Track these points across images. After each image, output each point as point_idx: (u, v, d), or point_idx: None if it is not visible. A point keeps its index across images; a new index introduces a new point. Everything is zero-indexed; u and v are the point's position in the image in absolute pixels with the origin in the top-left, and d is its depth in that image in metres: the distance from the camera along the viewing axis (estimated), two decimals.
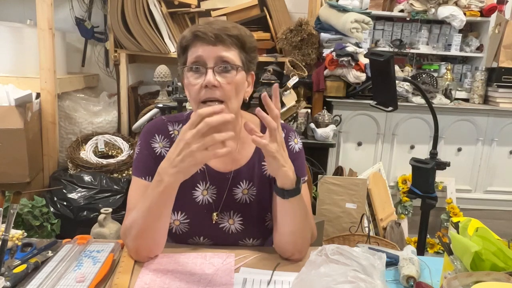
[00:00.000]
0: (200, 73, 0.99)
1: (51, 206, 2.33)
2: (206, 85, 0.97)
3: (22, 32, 2.53)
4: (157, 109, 2.66)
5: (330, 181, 2.43)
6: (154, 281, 0.91)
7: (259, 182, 1.11)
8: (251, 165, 1.11)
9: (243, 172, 1.10)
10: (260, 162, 1.12)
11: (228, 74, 0.99)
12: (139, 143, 1.10)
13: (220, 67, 0.98)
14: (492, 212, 2.97)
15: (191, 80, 1.00)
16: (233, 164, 1.10)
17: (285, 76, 2.61)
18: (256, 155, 1.12)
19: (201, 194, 1.09)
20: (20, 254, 0.99)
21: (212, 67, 0.98)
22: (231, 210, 1.10)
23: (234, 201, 1.10)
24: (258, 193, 1.11)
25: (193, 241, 1.11)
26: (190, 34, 1.00)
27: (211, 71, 0.97)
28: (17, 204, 0.95)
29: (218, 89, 0.98)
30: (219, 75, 0.98)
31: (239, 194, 1.10)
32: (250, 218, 1.10)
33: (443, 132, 2.83)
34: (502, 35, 2.90)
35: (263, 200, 1.11)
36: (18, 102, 2.23)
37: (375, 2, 3.00)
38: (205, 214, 1.10)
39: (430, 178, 1.78)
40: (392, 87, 1.73)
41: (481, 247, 0.76)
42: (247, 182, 1.10)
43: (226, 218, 1.10)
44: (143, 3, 2.68)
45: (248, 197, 1.11)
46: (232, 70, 0.99)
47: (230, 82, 0.99)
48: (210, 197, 1.10)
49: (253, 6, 2.93)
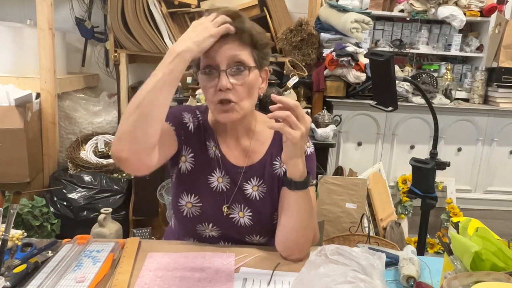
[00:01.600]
0: (213, 76, 1.01)
1: (51, 206, 2.34)
2: (220, 89, 0.99)
3: (22, 32, 2.53)
4: None
5: (330, 181, 2.43)
6: (154, 281, 0.91)
7: (269, 181, 1.13)
8: (263, 163, 1.13)
9: (254, 169, 1.12)
10: (272, 161, 1.14)
11: (241, 76, 1.01)
12: (170, 108, 1.04)
13: (233, 69, 1.00)
14: (492, 212, 2.97)
15: (206, 84, 1.02)
16: (246, 159, 1.13)
17: (285, 76, 2.61)
18: (269, 155, 1.14)
19: (216, 180, 1.11)
20: (20, 254, 0.99)
21: (225, 69, 0.99)
22: (242, 204, 1.12)
23: (244, 196, 1.12)
24: (268, 191, 1.12)
25: (202, 228, 1.10)
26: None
27: (224, 74, 0.99)
28: (17, 204, 0.95)
29: (231, 91, 1.00)
30: (232, 77, 1.00)
31: (249, 190, 1.12)
32: (259, 215, 1.11)
33: (443, 132, 2.83)
34: (502, 35, 2.90)
35: (272, 199, 1.12)
36: (18, 102, 2.23)
37: (375, 2, 3.00)
38: (218, 201, 1.11)
39: (430, 178, 1.78)
40: (392, 87, 1.73)
41: (481, 247, 0.76)
42: (258, 179, 1.12)
43: (237, 210, 1.12)
44: (143, 3, 2.68)
45: (258, 194, 1.12)
46: (245, 70, 1.01)
47: (243, 83, 1.01)
48: (224, 185, 1.11)
49: (253, 6, 2.93)
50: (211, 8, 1.03)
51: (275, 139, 1.15)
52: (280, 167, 1.13)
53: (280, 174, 1.13)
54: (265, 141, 1.14)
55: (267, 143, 1.14)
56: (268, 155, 1.14)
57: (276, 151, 1.14)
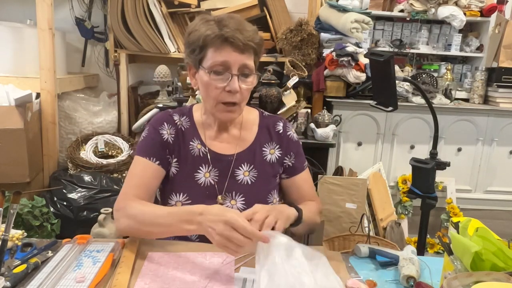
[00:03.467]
0: (223, 76, 1.06)
1: (51, 206, 2.33)
2: (230, 90, 1.06)
3: (22, 32, 2.53)
4: (157, 109, 2.66)
5: (330, 181, 2.43)
6: (154, 281, 0.91)
7: (260, 165, 1.19)
8: (252, 149, 1.20)
9: (244, 155, 1.18)
10: (261, 147, 1.21)
11: (247, 80, 1.09)
12: (148, 129, 1.17)
13: (243, 74, 1.07)
14: (492, 212, 2.96)
15: (214, 82, 1.07)
16: (236, 147, 1.19)
17: (285, 76, 2.61)
18: (257, 141, 1.21)
19: (203, 176, 1.16)
20: (20, 254, 0.99)
21: (237, 74, 1.06)
22: (233, 191, 1.16)
23: (236, 182, 1.16)
24: (259, 175, 1.18)
25: None
26: (217, 35, 1.04)
27: (236, 78, 1.06)
28: (17, 204, 0.95)
29: (238, 94, 1.08)
30: (241, 81, 1.07)
31: (241, 176, 1.17)
32: (252, 198, 1.15)
33: (443, 132, 2.83)
34: (502, 35, 2.90)
35: (265, 182, 1.18)
36: (18, 102, 2.22)
37: (375, 2, 3.00)
38: (207, 195, 1.15)
39: (430, 178, 1.78)
40: (392, 87, 1.72)
41: (481, 247, 0.76)
42: (248, 164, 1.18)
43: (228, 199, 1.16)
44: (143, 3, 2.68)
45: (249, 179, 1.17)
46: (251, 75, 1.09)
47: (249, 86, 1.10)
48: (212, 179, 1.16)
49: (253, 6, 2.93)
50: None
51: (261, 127, 1.23)
52: (270, 153, 1.21)
53: (270, 160, 1.20)
54: (251, 129, 1.22)
55: (255, 130, 1.22)
56: (257, 141, 1.21)
57: (264, 138, 1.22)
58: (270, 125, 1.24)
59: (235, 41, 1.03)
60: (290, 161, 1.23)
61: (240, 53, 1.05)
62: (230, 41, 1.03)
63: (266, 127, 1.23)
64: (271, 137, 1.23)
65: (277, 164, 1.22)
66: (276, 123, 1.24)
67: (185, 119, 1.20)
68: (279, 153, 1.22)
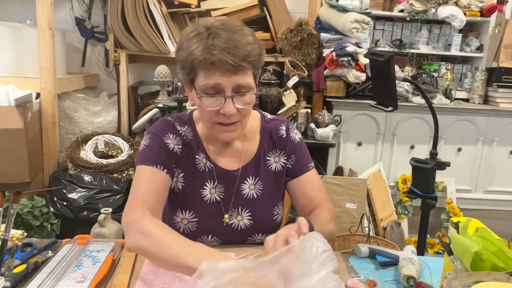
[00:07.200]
0: (217, 99, 0.97)
1: (51, 206, 2.33)
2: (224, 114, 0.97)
3: (22, 32, 2.53)
4: (157, 109, 2.66)
5: (330, 181, 2.43)
6: (154, 281, 0.91)
7: (265, 177, 1.13)
8: (257, 161, 1.14)
9: (249, 168, 1.13)
10: (265, 156, 1.15)
11: (245, 98, 0.98)
12: (149, 137, 1.07)
13: (238, 93, 0.97)
14: (492, 212, 2.96)
15: (207, 104, 0.98)
16: (240, 161, 1.13)
17: (285, 76, 2.61)
18: (261, 151, 1.14)
19: (209, 192, 1.11)
20: (20, 254, 0.99)
21: (231, 96, 0.96)
22: (239, 206, 1.12)
23: (242, 197, 1.12)
24: (265, 187, 1.13)
25: (201, 240, 1.09)
26: (204, 58, 0.93)
27: (230, 101, 0.96)
28: (17, 204, 0.95)
29: (235, 114, 0.98)
30: (236, 100, 0.97)
31: (246, 190, 1.12)
32: (258, 213, 1.12)
33: (443, 132, 2.83)
34: (502, 35, 2.90)
35: (270, 195, 1.13)
36: (18, 102, 2.22)
37: (375, 2, 3.00)
38: (213, 212, 1.10)
39: (430, 178, 1.78)
40: (392, 87, 1.72)
41: (481, 247, 0.76)
42: (254, 177, 1.13)
43: (235, 215, 1.12)
44: (143, 3, 2.68)
45: (255, 192, 1.13)
46: (248, 92, 0.99)
47: (247, 104, 0.99)
48: (217, 195, 1.11)
49: (253, 6, 2.92)
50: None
51: (263, 133, 1.15)
52: (274, 161, 1.15)
53: (275, 169, 1.14)
54: (254, 138, 1.15)
55: (257, 140, 1.15)
56: (260, 151, 1.14)
57: (267, 146, 1.15)
58: (272, 131, 1.16)
59: (223, 64, 0.92)
60: (291, 163, 1.16)
61: (233, 74, 0.94)
62: (218, 65, 0.93)
63: (269, 133, 1.15)
64: (274, 143, 1.16)
65: (281, 172, 1.16)
66: (278, 128, 1.16)
67: (188, 130, 1.11)
68: (284, 160, 1.16)
